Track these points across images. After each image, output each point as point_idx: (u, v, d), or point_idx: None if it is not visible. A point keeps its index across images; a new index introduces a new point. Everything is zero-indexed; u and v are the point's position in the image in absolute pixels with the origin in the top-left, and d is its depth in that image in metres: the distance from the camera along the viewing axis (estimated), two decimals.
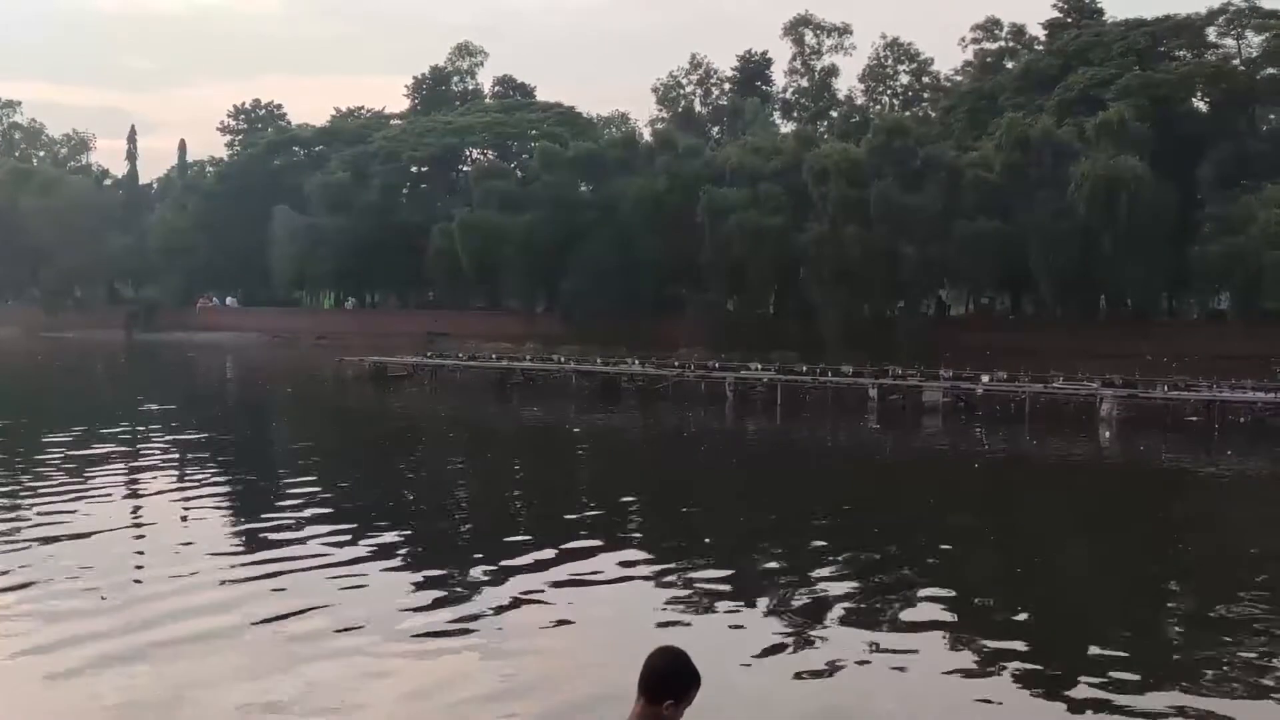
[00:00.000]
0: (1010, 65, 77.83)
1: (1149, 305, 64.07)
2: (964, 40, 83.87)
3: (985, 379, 42.49)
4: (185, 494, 22.02)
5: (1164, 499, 25.62)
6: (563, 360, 53.15)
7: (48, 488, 21.57)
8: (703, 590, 15.01)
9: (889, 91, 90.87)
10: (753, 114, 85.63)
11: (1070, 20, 75.33)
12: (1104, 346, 51.31)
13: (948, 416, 40.00)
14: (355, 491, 23.00)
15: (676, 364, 51.22)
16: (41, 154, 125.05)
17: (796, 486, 25.66)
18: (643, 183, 69.48)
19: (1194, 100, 64.64)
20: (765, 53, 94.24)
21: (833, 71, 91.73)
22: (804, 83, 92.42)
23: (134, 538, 17.76)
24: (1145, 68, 62.98)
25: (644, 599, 14.50)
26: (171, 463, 26.69)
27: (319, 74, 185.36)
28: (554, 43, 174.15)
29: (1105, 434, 36.37)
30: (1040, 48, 76.02)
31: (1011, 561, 18.04)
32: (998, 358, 47.04)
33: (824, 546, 18.07)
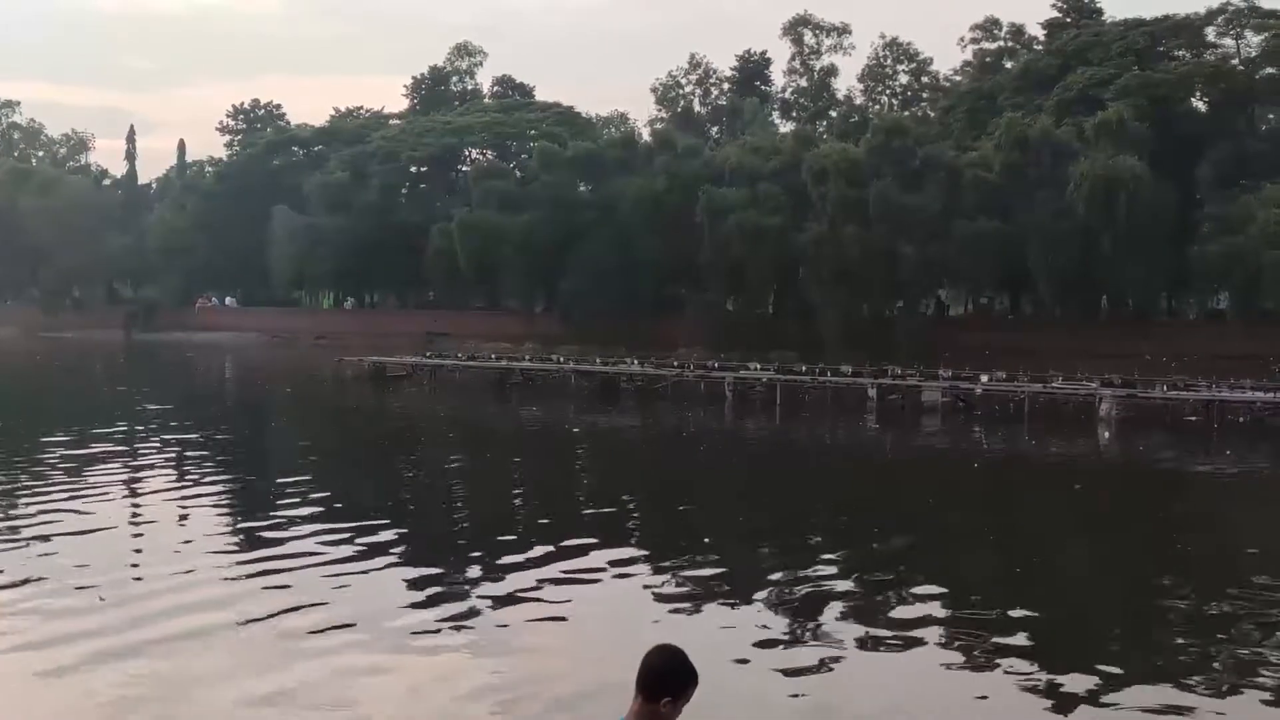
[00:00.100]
0: (1009, 65, 77.88)
1: (1148, 305, 64.14)
2: (963, 40, 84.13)
3: (984, 379, 42.51)
4: (183, 493, 22.00)
5: (1163, 499, 25.62)
6: (562, 360, 53.15)
7: (46, 487, 21.58)
8: (701, 589, 15.02)
9: (888, 91, 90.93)
10: (752, 114, 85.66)
11: (1069, 20, 75.37)
12: (1103, 346, 51.33)
13: (947, 416, 40.02)
14: (354, 491, 22.99)
15: (676, 364, 51.22)
16: (40, 154, 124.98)
17: (795, 486, 25.66)
18: (642, 183, 69.49)
19: (1193, 100, 64.72)
20: (764, 53, 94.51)
21: (832, 71, 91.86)
22: (803, 83, 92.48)
23: (132, 536, 17.77)
24: (1144, 68, 63.00)
25: (642, 597, 14.52)
26: (170, 462, 26.67)
27: (319, 74, 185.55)
28: (553, 43, 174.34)
29: (1104, 434, 36.38)
30: (1039, 48, 76.07)
31: (1010, 561, 18.03)
32: (997, 358, 47.06)
33: (822, 546, 18.07)
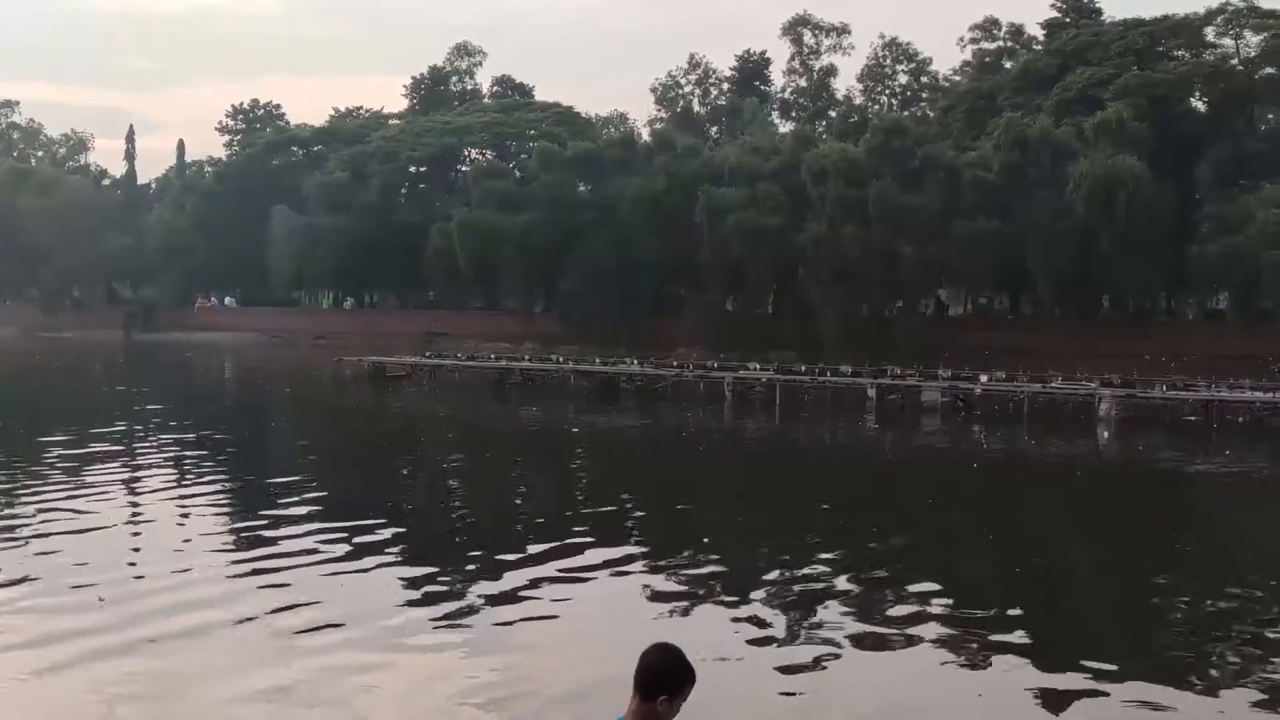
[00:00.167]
0: (1009, 65, 77.92)
1: (1148, 305, 64.19)
2: (962, 40, 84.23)
3: (984, 379, 42.53)
4: (182, 493, 21.99)
5: (1162, 498, 25.62)
6: (561, 360, 53.16)
7: (45, 486, 21.57)
8: (699, 588, 15.04)
9: (887, 91, 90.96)
10: (751, 114, 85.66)
11: (1069, 20, 75.40)
12: (1103, 346, 51.37)
13: (946, 416, 40.02)
14: (352, 490, 22.98)
15: (675, 364, 51.24)
16: (40, 154, 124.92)
17: (794, 486, 25.65)
18: (641, 183, 69.47)
19: (1192, 100, 64.74)
20: (764, 53, 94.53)
21: (831, 71, 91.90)
22: (802, 82, 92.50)
23: (131, 535, 17.75)
24: (1143, 67, 63.01)
25: (640, 596, 14.53)
26: (169, 462, 26.64)
27: (318, 74, 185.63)
28: (553, 43, 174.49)
29: (1104, 434, 36.39)
30: (1039, 48, 76.10)
31: (1009, 561, 18.04)
32: (996, 357, 47.09)
33: (821, 545, 18.06)
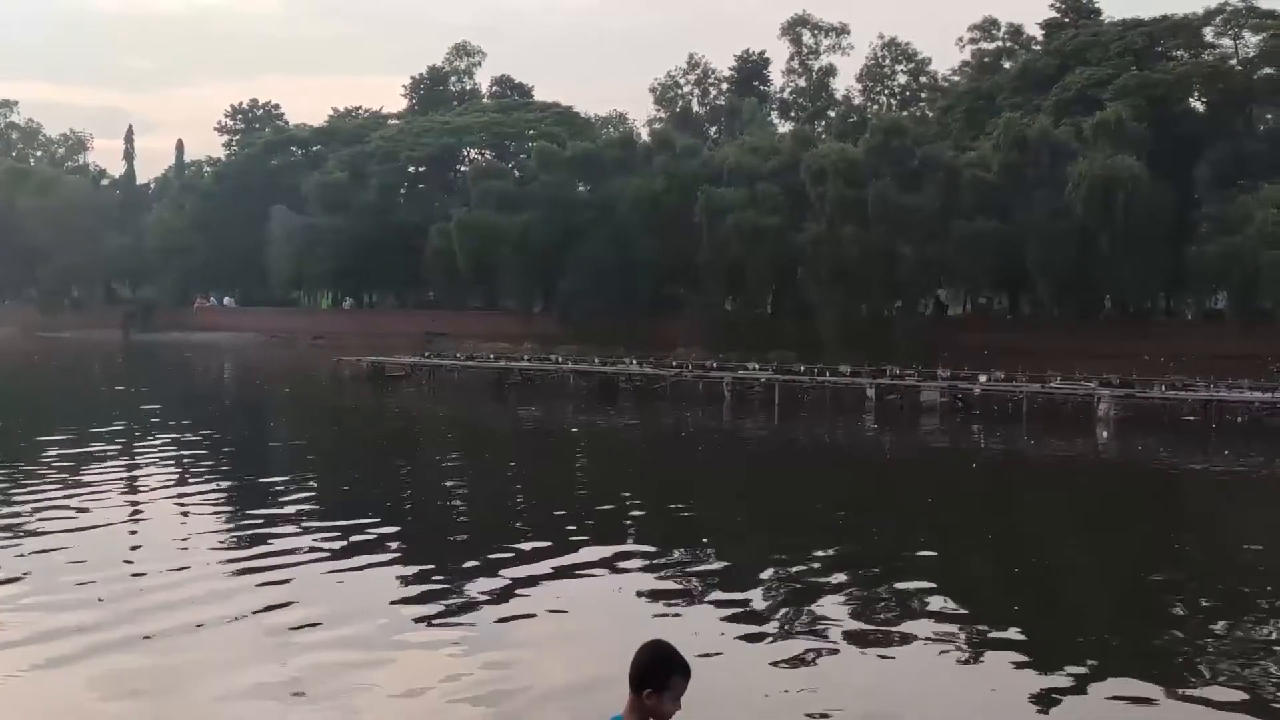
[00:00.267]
0: (1008, 65, 77.88)
1: (1146, 305, 64.13)
2: (961, 40, 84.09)
3: (983, 379, 42.53)
4: (181, 492, 22.00)
5: (1161, 498, 25.64)
6: (560, 360, 53.16)
7: (44, 486, 21.58)
8: (697, 587, 15.04)
9: (886, 91, 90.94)
10: (750, 114, 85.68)
11: (1068, 20, 75.40)
12: (1101, 346, 51.37)
13: (945, 416, 40.03)
14: (351, 490, 23.00)
15: (674, 364, 51.23)
16: (39, 154, 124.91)
17: (793, 486, 25.64)
18: (640, 183, 69.46)
19: (1191, 100, 64.72)
20: (763, 53, 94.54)
21: (830, 71, 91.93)
22: (802, 83, 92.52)
23: (130, 533, 17.79)
24: (1142, 68, 63.00)
25: (639, 595, 14.53)
26: (167, 462, 26.64)
27: (318, 74, 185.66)
28: (552, 43, 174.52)
29: (1102, 434, 36.40)
30: (1038, 48, 76.05)
31: (1008, 560, 18.06)
32: (995, 357, 47.09)
33: (820, 545, 18.05)
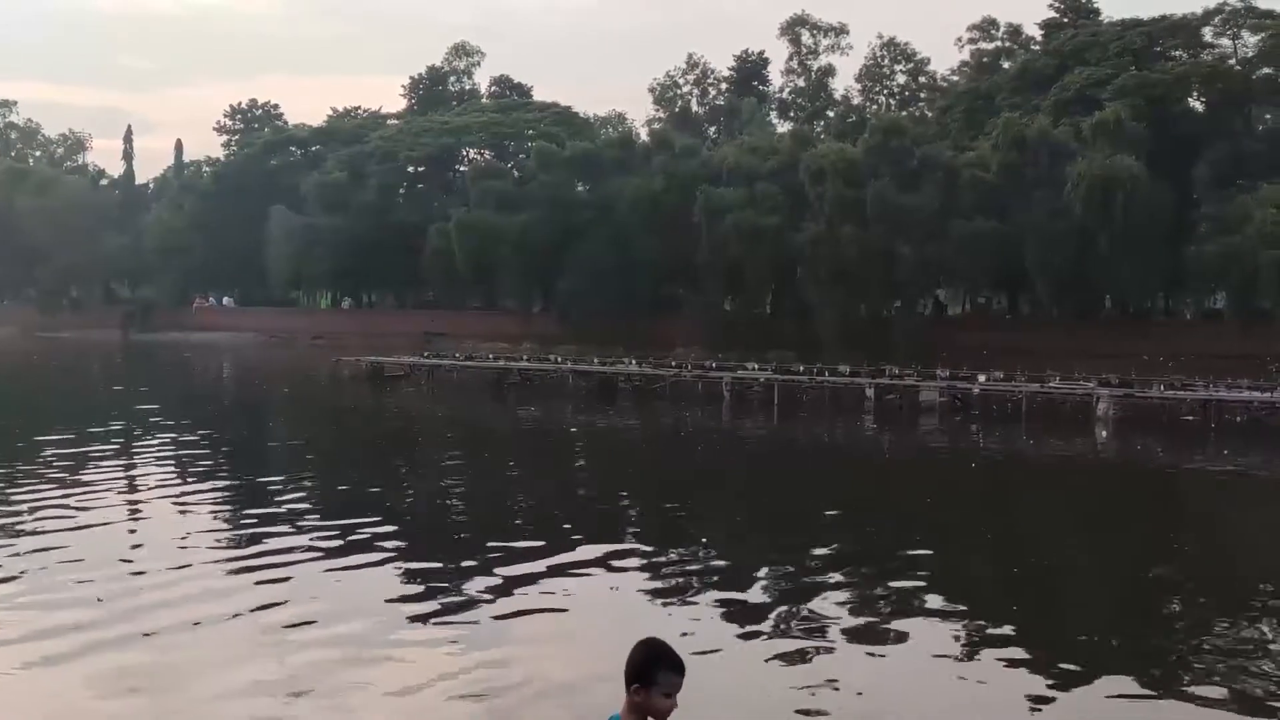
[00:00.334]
0: (1007, 65, 77.92)
1: (1145, 305, 64.13)
2: (960, 40, 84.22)
3: (982, 379, 42.55)
4: (180, 491, 21.98)
5: (1160, 498, 25.66)
6: (559, 360, 53.17)
7: (43, 485, 21.56)
8: (696, 586, 15.05)
9: (885, 91, 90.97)
10: (749, 114, 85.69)
11: (1067, 20, 75.44)
12: (1100, 346, 51.38)
13: (944, 416, 40.04)
14: (350, 490, 22.96)
15: (673, 364, 51.24)
16: (38, 154, 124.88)
17: (793, 486, 25.66)
18: (639, 182, 69.48)
19: (1190, 100, 64.75)
20: (762, 53, 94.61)
21: (829, 71, 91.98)
22: (801, 82, 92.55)
23: (128, 532, 17.78)
24: (1141, 68, 63.01)
25: (638, 594, 14.55)
26: (166, 461, 26.64)
27: (318, 74, 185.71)
28: (552, 43, 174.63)
29: (1101, 433, 36.42)
30: (1037, 48, 76.11)
31: (1007, 560, 18.06)
32: (994, 357, 47.11)
33: (819, 545, 18.06)
